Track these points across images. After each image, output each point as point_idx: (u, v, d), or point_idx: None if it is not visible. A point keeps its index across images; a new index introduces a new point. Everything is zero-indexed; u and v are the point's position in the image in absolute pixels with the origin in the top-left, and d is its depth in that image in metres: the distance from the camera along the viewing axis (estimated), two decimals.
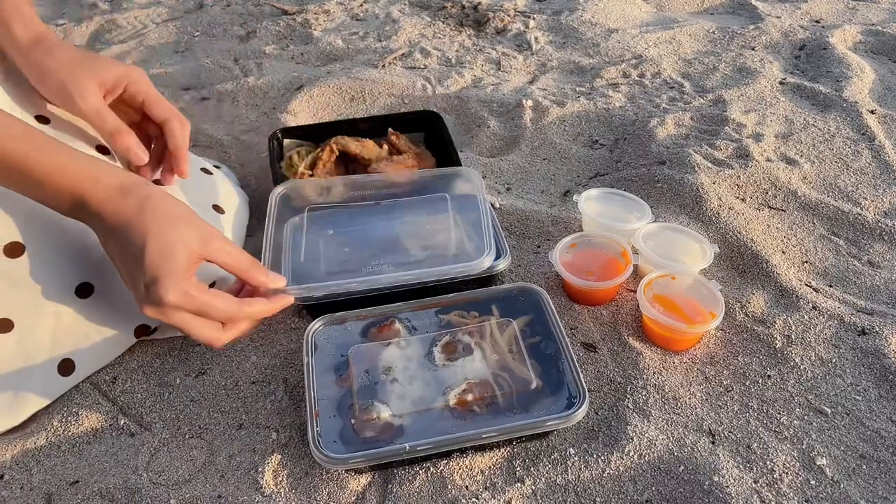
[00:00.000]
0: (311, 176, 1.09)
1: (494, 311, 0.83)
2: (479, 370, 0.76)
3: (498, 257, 0.88)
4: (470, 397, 0.73)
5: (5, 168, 0.67)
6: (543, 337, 0.80)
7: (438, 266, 0.83)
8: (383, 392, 0.74)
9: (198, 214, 0.72)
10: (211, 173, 1.03)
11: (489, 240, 0.86)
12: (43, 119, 0.83)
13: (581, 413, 0.71)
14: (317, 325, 0.81)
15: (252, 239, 1.04)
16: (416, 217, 0.92)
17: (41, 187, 0.68)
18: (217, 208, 0.97)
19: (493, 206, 1.09)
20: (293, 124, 1.30)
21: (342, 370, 0.77)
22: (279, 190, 0.94)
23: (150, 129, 0.89)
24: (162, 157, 0.89)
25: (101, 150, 0.87)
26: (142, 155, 0.83)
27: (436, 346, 0.79)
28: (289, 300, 0.77)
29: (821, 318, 0.90)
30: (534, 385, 0.75)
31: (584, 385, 0.73)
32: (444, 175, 0.99)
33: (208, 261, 0.70)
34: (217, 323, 0.72)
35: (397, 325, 0.82)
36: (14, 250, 0.74)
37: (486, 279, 0.89)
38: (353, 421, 0.72)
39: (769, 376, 0.83)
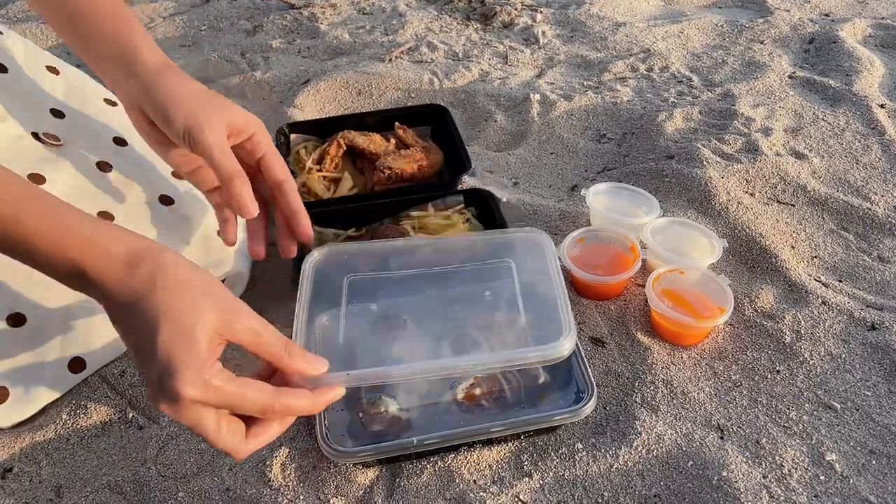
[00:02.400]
0: (320, 170, 1.09)
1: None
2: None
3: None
4: (478, 392, 0.73)
5: None
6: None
7: (508, 349, 0.70)
8: (391, 386, 0.74)
9: (220, 283, 0.62)
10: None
11: (567, 317, 0.70)
12: (58, 113, 0.84)
13: (589, 407, 0.71)
14: (323, 320, 0.81)
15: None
16: (475, 288, 0.78)
17: (33, 256, 0.58)
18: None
19: (500, 200, 1.08)
20: (300, 118, 1.30)
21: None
22: (314, 256, 0.81)
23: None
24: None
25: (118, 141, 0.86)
26: (252, 208, 0.73)
27: (444, 340, 0.79)
28: (338, 393, 0.65)
29: (830, 313, 0.89)
30: (542, 379, 0.74)
31: (593, 379, 0.73)
32: (507, 238, 0.84)
33: (231, 342, 0.60)
34: (240, 426, 0.61)
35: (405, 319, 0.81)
36: None
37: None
38: (360, 415, 0.72)
39: (778, 371, 0.83)
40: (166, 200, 0.88)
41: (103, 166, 0.85)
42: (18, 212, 0.57)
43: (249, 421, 0.62)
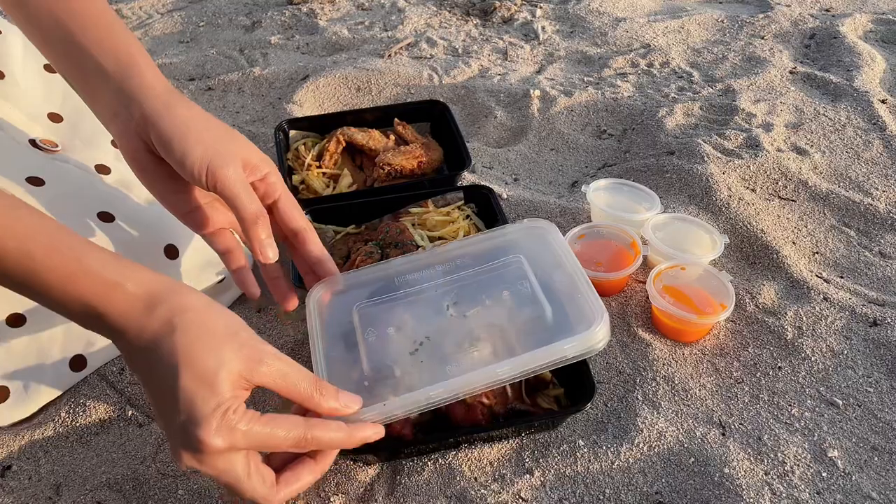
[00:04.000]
0: (319, 167, 1.09)
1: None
2: (492, 317, 0.71)
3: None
4: (487, 349, 0.69)
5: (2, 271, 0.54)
6: (555, 271, 0.73)
7: (543, 347, 0.65)
8: (394, 351, 0.70)
9: (244, 324, 0.59)
10: None
11: (595, 303, 0.67)
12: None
13: (600, 337, 0.64)
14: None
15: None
16: (491, 291, 0.74)
17: (45, 294, 0.55)
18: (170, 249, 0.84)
19: (500, 196, 1.08)
20: (299, 115, 1.29)
21: (350, 336, 0.72)
22: (317, 291, 0.76)
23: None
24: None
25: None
26: (272, 253, 0.67)
27: (445, 300, 0.74)
28: (378, 431, 0.62)
29: (832, 309, 0.89)
30: (549, 316, 0.70)
31: (602, 305, 0.67)
32: (510, 233, 0.80)
33: (258, 386, 0.57)
34: (270, 473, 0.59)
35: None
36: None
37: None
38: (365, 383, 0.68)
39: (780, 368, 0.83)
40: None
41: (102, 169, 0.84)
42: (31, 247, 0.53)
43: (280, 468, 0.61)
